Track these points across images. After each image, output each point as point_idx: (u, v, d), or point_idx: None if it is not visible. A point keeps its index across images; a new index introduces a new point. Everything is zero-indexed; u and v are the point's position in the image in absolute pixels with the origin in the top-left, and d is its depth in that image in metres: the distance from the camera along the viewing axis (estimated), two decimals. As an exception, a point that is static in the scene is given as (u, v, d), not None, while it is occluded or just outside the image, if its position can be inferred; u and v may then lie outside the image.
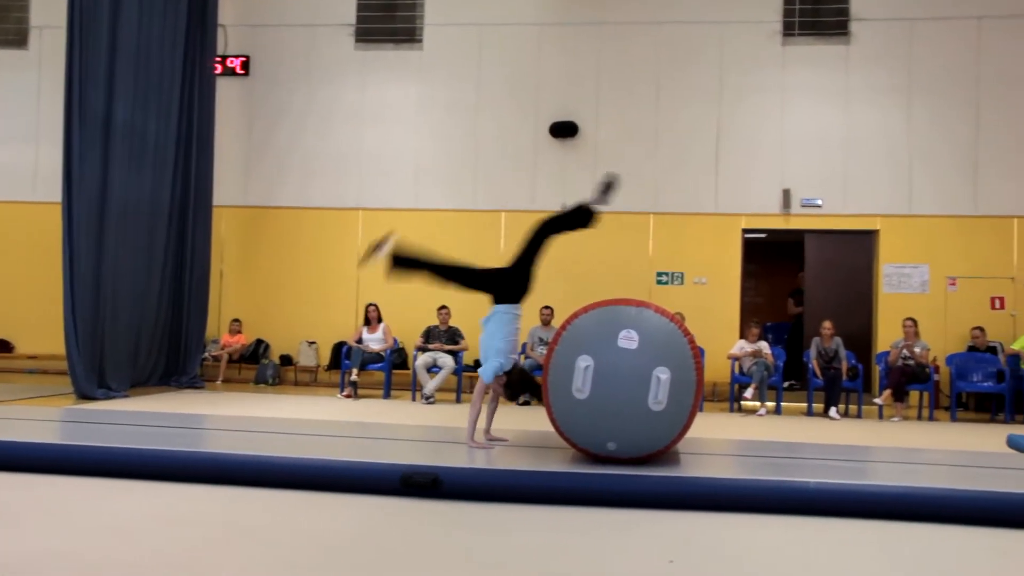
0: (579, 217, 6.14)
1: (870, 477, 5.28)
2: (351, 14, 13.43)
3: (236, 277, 13.38)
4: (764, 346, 11.32)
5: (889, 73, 12.47)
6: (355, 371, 11.37)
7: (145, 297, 11.30)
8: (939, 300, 12.16)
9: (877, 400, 10.97)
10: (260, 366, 12.93)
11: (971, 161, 12.23)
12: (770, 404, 11.09)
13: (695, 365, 5.31)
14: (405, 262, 6.25)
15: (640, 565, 3.76)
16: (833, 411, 10.77)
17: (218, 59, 12.93)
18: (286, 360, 13.17)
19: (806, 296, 13.32)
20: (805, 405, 11.29)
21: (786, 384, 12.10)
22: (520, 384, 6.09)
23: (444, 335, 11.73)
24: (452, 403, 11.25)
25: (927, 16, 12.38)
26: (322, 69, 13.44)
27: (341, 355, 11.94)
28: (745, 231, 12.59)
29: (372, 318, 11.94)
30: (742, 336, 11.75)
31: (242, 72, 13.47)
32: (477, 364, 12.34)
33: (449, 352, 11.53)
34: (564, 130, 12.77)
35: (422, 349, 11.58)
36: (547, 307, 11.81)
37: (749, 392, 11.00)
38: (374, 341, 11.82)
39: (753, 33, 12.68)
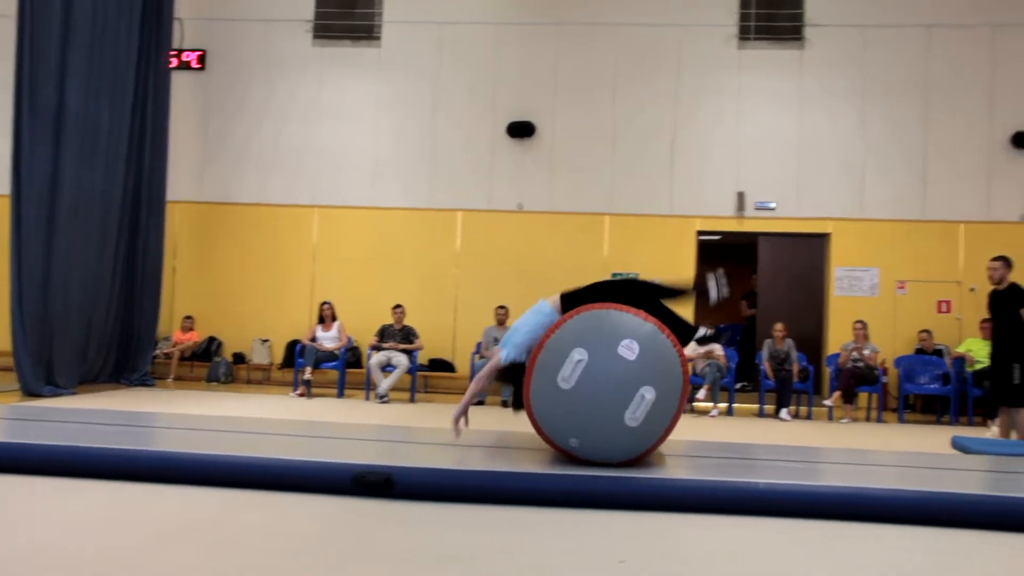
0: (679, 293, 5.86)
1: (819, 478, 5.34)
2: (309, 10, 13.36)
3: (189, 274, 13.26)
4: (717, 347, 11.42)
5: (842, 78, 12.64)
6: (309, 370, 11.31)
7: (95, 293, 11.14)
8: (888, 303, 12.35)
9: (827, 402, 11.14)
10: (212, 364, 12.82)
11: (920, 166, 12.44)
12: (722, 405, 11.20)
13: (680, 395, 5.30)
14: None
15: (591, 565, 3.78)
16: (784, 412, 10.91)
17: (174, 53, 12.80)
18: (239, 358, 13.08)
19: (759, 298, 13.46)
20: (757, 406, 11.42)
21: (738, 385, 12.23)
22: (513, 379, 5.94)
23: (399, 334, 11.71)
24: (406, 402, 11.23)
25: (879, 23, 12.56)
26: (279, 65, 13.35)
27: (295, 353, 11.88)
28: (699, 233, 12.70)
29: (326, 316, 11.89)
30: (695, 337, 11.83)
31: (198, 66, 13.35)
32: (432, 363, 12.41)
33: (403, 351, 11.52)
34: (522, 130, 12.81)
35: (376, 348, 11.55)
36: (502, 307, 11.84)
37: (701, 393, 11.11)
38: (328, 339, 11.77)
39: (710, 37, 12.80)
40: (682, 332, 5.58)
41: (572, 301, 5.62)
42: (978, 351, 11.04)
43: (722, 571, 3.78)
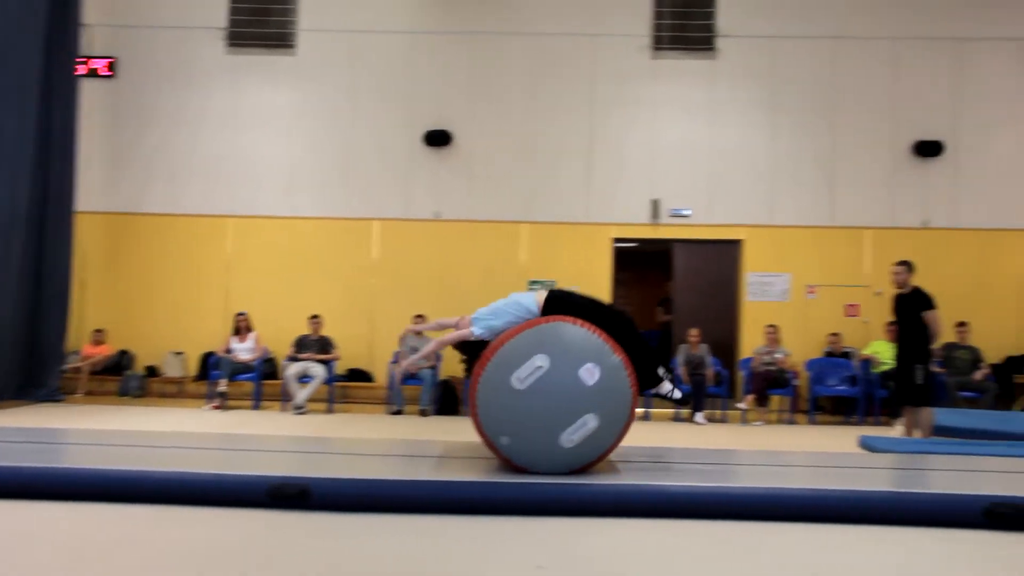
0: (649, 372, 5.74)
1: (734, 479, 5.45)
2: (222, 17, 13.18)
3: (99, 285, 12.95)
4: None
5: (752, 88, 12.92)
6: (224, 381, 11.15)
7: (-1, 306, 10.82)
8: (799, 307, 12.64)
9: (741, 405, 11.35)
10: (124, 377, 12.54)
11: (828, 174, 12.77)
12: (638, 410, 11.32)
13: (619, 434, 5.35)
14: None
15: (509, 571, 3.80)
16: (699, 416, 11.09)
17: (82, 60, 12.49)
18: (152, 371, 12.82)
19: (674, 304, 13.65)
20: (672, 411, 11.58)
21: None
22: (473, 351, 5.91)
23: (315, 344, 11.61)
24: (324, 413, 11.14)
25: (788, 35, 12.86)
26: (192, 73, 13.14)
27: (209, 365, 11.69)
28: (615, 240, 12.85)
29: (242, 327, 11.73)
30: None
31: (108, 74, 13.07)
32: (349, 373, 12.32)
33: (320, 362, 11.42)
34: (438, 139, 12.81)
35: (293, 359, 11.43)
36: (420, 315, 11.81)
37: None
38: (244, 351, 11.61)
39: (624, 46, 12.96)
40: (647, 378, 5.62)
41: (557, 305, 5.61)
42: (884, 353, 11.36)
43: (638, 574, 3.83)
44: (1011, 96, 12.76)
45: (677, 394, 5.69)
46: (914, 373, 8.36)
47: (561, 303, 5.64)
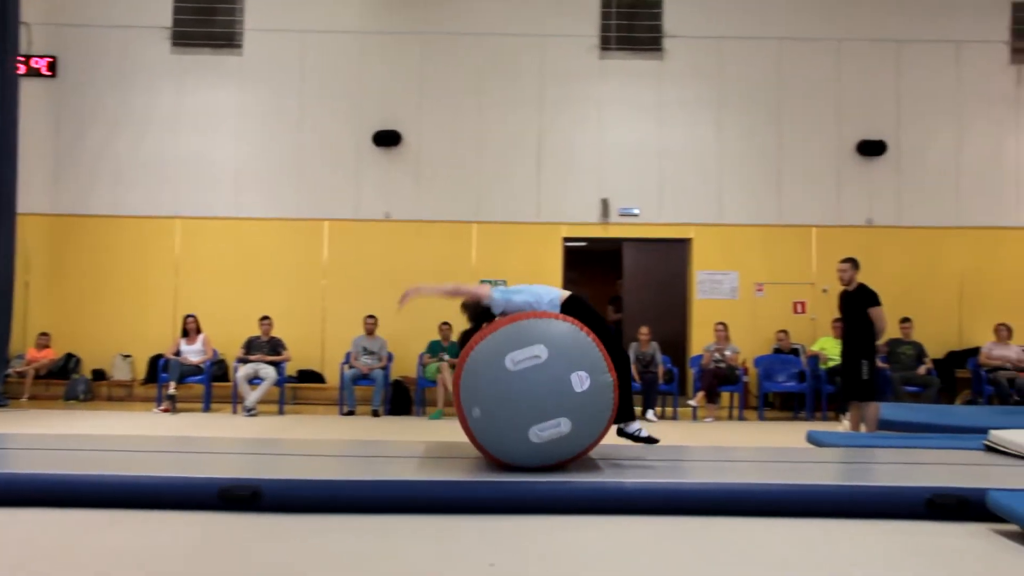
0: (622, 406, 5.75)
1: (685, 475, 5.50)
2: (167, 16, 13.02)
3: (44, 289, 12.74)
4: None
5: (700, 88, 13.04)
6: (173, 384, 11.03)
7: (-59, 310, 10.59)
8: (747, 305, 12.79)
9: (691, 402, 11.46)
10: (70, 381, 12.35)
11: (775, 173, 12.93)
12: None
13: (587, 447, 5.36)
14: None
15: (462, 570, 3.82)
16: (650, 413, 11.17)
17: (21, 59, 12.26)
18: (99, 375, 12.63)
19: (624, 303, 13.74)
20: (624, 408, 11.63)
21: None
22: (477, 316, 5.89)
23: (266, 346, 11.53)
24: (275, 415, 11.06)
25: (734, 35, 13.01)
26: (137, 72, 12.97)
27: (158, 368, 11.56)
28: (566, 239, 12.90)
29: (191, 329, 11.61)
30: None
31: (48, 73, 12.86)
32: (300, 374, 12.25)
33: (271, 363, 11.34)
34: (387, 139, 12.77)
35: (243, 360, 11.34)
36: (371, 316, 11.78)
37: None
38: (193, 353, 11.50)
39: (572, 46, 13.02)
40: (621, 411, 5.64)
41: (573, 310, 5.64)
42: (831, 349, 11.53)
43: (591, 571, 3.86)
44: (949, 97, 13.01)
45: (644, 433, 5.72)
46: (860, 368, 8.48)
47: (577, 309, 5.69)
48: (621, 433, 5.82)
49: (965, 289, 12.84)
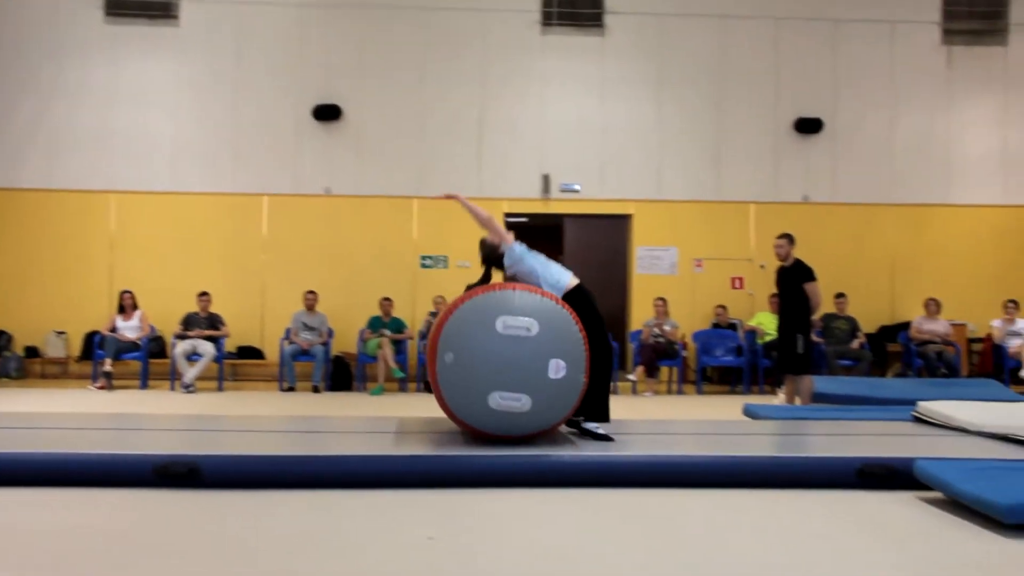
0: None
1: (623, 448, 5.57)
2: (100, -14, 12.74)
3: (-27, 264, 12.46)
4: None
5: (641, 65, 13.10)
6: (109, 361, 10.89)
7: None
8: (686, 280, 12.93)
9: (631, 376, 11.58)
10: (2, 359, 12.11)
11: (714, 150, 13.06)
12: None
13: (535, 429, 5.38)
14: None
15: (400, 543, 3.84)
16: (591, 388, 11.25)
17: (-51, 28, 11.94)
18: (32, 352, 12.40)
19: (565, 278, 13.78)
20: (565, 383, 11.72)
21: (547, 363, 12.50)
22: (488, 257, 6.05)
23: (204, 322, 11.41)
24: (214, 391, 10.97)
25: (675, 12, 13.08)
26: (68, 43, 12.68)
27: (94, 345, 11.39)
28: (507, 215, 12.90)
29: (127, 305, 11.46)
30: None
31: (-23, 43, 12.52)
32: (240, 350, 12.16)
33: (209, 339, 11.23)
34: (328, 113, 12.66)
35: (181, 337, 11.22)
36: (311, 292, 11.72)
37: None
38: (129, 329, 11.35)
39: (514, 22, 12.99)
40: (589, 407, 5.71)
41: (576, 298, 5.76)
42: (767, 324, 11.71)
43: (528, 543, 3.91)
44: (883, 76, 13.23)
45: (602, 431, 5.78)
46: (795, 343, 8.62)
47: (580, 301, 5.77)
48: (580, 428, 5.80)
49: (897, 265, 13.13)
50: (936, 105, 13.27)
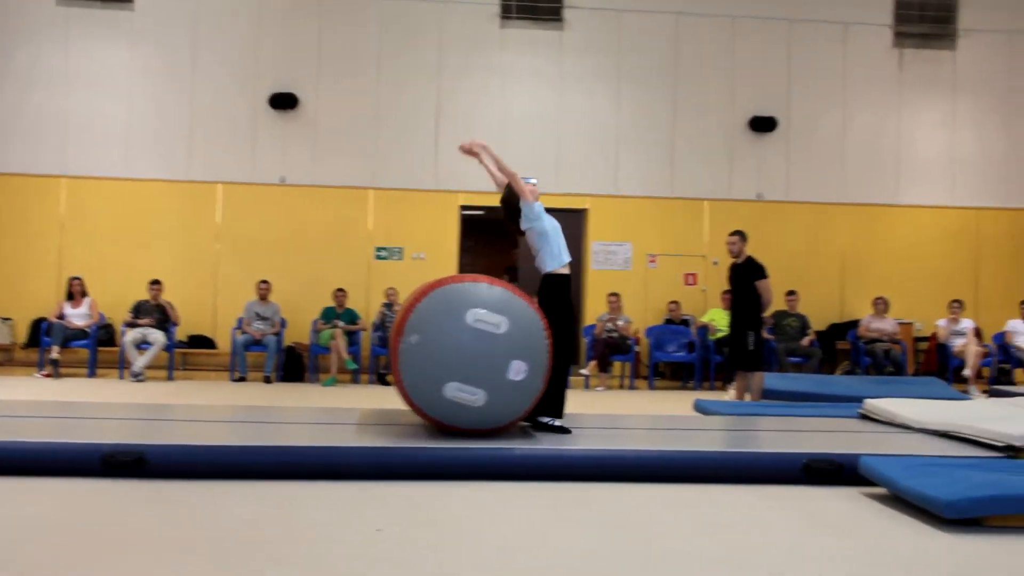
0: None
1: (573, 442, 5.61)
2: (52, -33, 12.53)
3: (-83, 248, 12.21)
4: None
5: (598, 60, 13.15)
6: (56, 348, 10.75)
7: None
8: (640, 276, 13.00)
9: (584, 371, 11.63)
10: (-54, 345, 11.91)
11: (670, 146, 13.14)
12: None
13: (484, 425, 5.38)
14: None
15: (349, 535, 3.84)
16: (543, 381, 11.29)
17: None
18: (-23, 338, 12.20)
19: (519, 272, 13.82)
20: (518, 376, 11.75)
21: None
22: (509, 210, 6.25)
23: (155, 310, 11.28)
24: (164, 381, 10.86)
25: (633, 8, 13.13)
26: (19, 25, 12.45)
27: (41, 332, 11.22)
28: (463, 208, 12.91)
29: (76, 292, 11.30)
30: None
31: (-76, 23, 12.26)
32: (191, 339, 12.04)
33: (160, 327, 11.11)
34: (284, 101, 12.55)
35: (131, 325, 11.09)
36: (264, 281, 11.64)
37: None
38: (78, 316, 11.20)
39: (473, 14, 12.97)
40: (547, 404, 5.71)
41: (553, 287, 5.94)
42: (719, 320, 11.82)
43: (476, 535, 3.93)
44: (837, 77, 13.39)
45: (557, 423, 5.81)
46: (746, 339, 8.71)
47: (563, 286, 5.98)
48: (536, 423, 5.78)
49: (847, 263, 13.32)
50: (887, 107, 13.46)
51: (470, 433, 5.35)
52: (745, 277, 8.81)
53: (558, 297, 5.84)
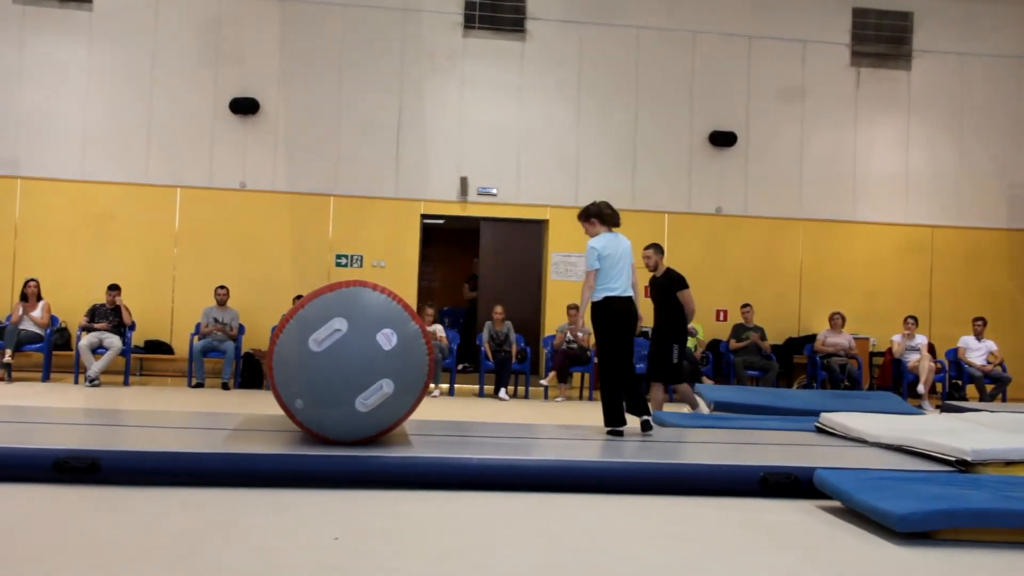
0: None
1: (530, 452, 5.62)
2: (9, -35, 12.36)
3: None
4: (439, 329, 11.68)
5: (560, 72, 13.20)
6: (9, 352, 10.58)
7: None
8: (600, 287, 13.00)
9: (543, 381, 11.64)
10: None
11: (630, 159, 13.22)
12: (444, 386, 11.47)
13: (416, 398, 5.39)
14: None
15: (305, 543, 3.82)
16: (503, 392, 11.32)
17: None
18: (-74, 340, 11.97)
19: (480, 281, 13.85)
20: (477, 387, 11.77)
21: (460, 366, 12.56)
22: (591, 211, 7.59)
23: (111, 314, 11.15)
24: (119, 386, 10.73)
25: (594, 21, 13.21)
26: (-26, 23, 12.27)
27: (-8, 335, 11.04)
28: (424, 216, 12.90)
29: (31, 295, 11.14)
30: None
31: None
32: (148, 345, 11.91)
33: (116, 332, 10.98)
34: (245, 106, 12.47)
35: (87, 329, 10.94)
36: (223, 287, 11.54)
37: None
38: (32, 320, 11.03)
39: (435, 23, 12.98)
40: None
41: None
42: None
43: (432, 544, 3.93)
44: (795, 93, 13.53)
45: (607, 429, 6.63)
46: (670, 351, 8.54)
47: (595, 314, 6.86)
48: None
49: (804, 278, 13.46)
50: (844, 124, 13.65)
51: (408, 417, 5.41)
52: (667, 289, 8.60)
53: (596, 322, 6.77)
